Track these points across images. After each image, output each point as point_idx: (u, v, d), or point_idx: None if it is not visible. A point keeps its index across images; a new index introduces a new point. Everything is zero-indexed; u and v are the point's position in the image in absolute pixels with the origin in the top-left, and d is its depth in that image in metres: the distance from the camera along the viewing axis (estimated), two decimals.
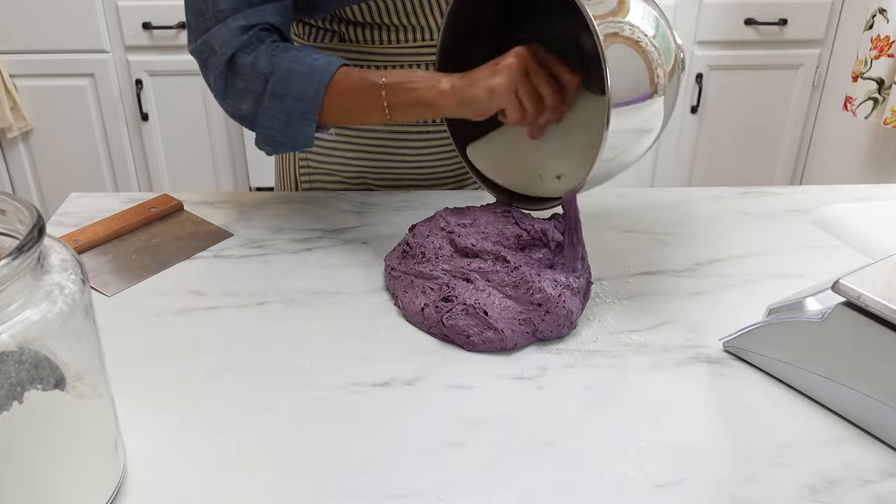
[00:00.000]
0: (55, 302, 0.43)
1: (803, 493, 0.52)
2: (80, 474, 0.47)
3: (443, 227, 0.74)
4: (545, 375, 0.64)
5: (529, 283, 0.68)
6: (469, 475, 0.53)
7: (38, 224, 0.42)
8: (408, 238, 0.76)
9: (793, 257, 0.83)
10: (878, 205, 0.95)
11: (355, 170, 0.97)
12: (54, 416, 0.44)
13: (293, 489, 0.52)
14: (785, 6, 2.05)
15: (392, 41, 0.87)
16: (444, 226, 0.74)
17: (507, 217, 0.74)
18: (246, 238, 0.85)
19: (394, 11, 0.84)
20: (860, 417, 0.58)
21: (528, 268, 0.69)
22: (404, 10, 0.84)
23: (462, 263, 0.71)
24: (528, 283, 0.68)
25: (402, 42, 0.87)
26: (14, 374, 0.41)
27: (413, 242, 0.75)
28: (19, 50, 1.95)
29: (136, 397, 0.60)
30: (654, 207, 0.93)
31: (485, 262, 0.70)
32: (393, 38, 0.87)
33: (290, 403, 0.60)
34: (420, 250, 0.73)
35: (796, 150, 2.28)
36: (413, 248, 0.74)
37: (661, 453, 0.56)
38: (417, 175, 0.97)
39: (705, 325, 0.70)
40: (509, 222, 0.73)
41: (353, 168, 0.97)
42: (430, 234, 0.74)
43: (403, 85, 0.72)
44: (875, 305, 0.54)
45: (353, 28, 0.87)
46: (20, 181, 2.13)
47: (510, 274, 0.69)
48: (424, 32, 0.87)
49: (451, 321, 0.67)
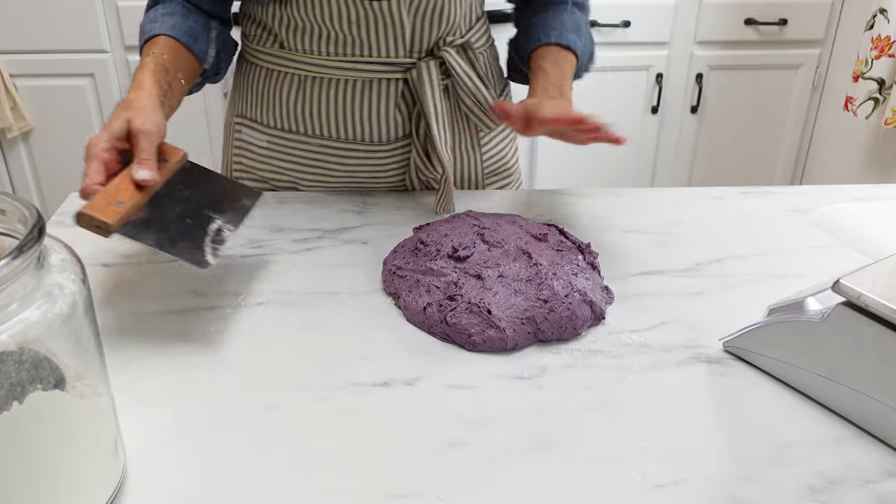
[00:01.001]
0: (55, 302, 0.43)
1: (803, 493, 0.52)
2: (80, 474, 0.47)
3: (474, 224, 0.77)
4: (545, 375, 0.64)
5: (542, 278, 0.68)
6: (469, 475, 0.53)
7: (38, 224, 0.42)
8: (420, 236, 0.77)
9: (793, 257, 0.83)
10: (878, 205, 0.95)
11: (287, 177, 0.97)
12: (54, 416, 0.44)
13: (293, 489, 0.52)
14: (785, 6, 2.05)
15: (331, 53, 0.88)
16: (475, 223, 0.78)
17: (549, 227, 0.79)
18: (246, 238, 0.85)
19: (336, 16, 0.84)
20: (860, 417, 0.58)
21: (549, 265, 0.70)
22: (348, 18, 0.84)
23: (486, 257, 0.72)
24: (540, 278, 0.68)
25: (342, 55, 0.88)
26: (14, 374, 0.41)
27: (428, 240, 0.75)
28: (19, 50, 1.95)
29: (136, 397, 0.60)
30: (654, 207, 0.93)
31: (507, 255, 0.72)
32: (332, 50, 0.87)
33: (289, 403, 0.60)
34: (436, 247, 0.74)
35: (796, 150, 2.28)
36: (428, 245, 0.75)
37: (661, 453, 0.56)
38: (349, 183, 0.97)
39: (705, 325, 0.70)
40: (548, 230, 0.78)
41: (284, 176, 0.97)
42: (453, 230, 0.77)
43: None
44: (875, 305, 0.54)
45: (294, 34, 0.88)
46: (20, 181, 2.13)
47: (529, 268, 0.70)
48: (364, 48, 0.87)
49: (454, 319, 0.67)
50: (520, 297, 0.68)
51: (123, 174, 0.69)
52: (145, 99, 0.74)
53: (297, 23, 0.87)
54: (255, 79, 0.95)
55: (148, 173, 0.69)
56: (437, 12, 0.86)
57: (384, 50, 0.87)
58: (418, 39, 0.87)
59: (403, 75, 0.89)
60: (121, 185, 0.68)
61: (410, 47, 0.88)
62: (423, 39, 0.88)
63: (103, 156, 0.68)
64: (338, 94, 0.90)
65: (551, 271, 0.70)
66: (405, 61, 0.88)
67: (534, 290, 0.68)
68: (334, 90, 0.90)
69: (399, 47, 0.87)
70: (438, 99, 0.89)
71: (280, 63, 0.91)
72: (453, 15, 0.88)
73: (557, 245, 0.75)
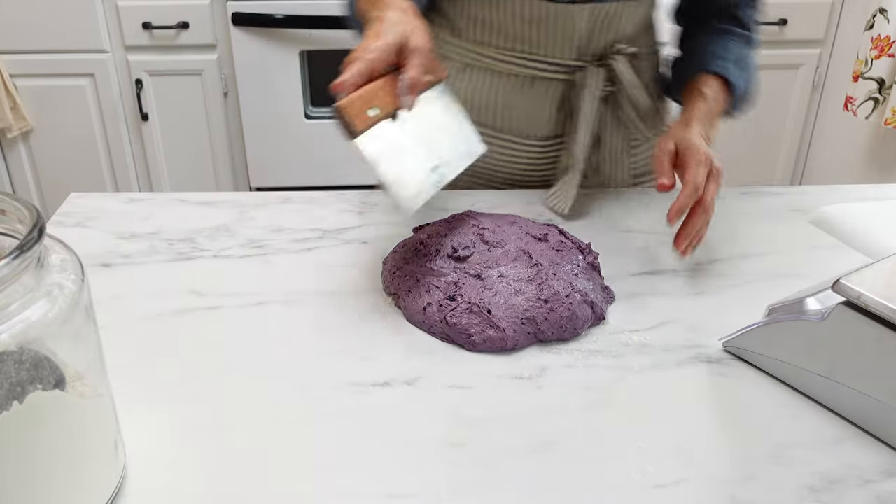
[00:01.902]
0: (55, 302, 0.43)
1: (803, 493, 0.52)
2: (80, 474, 0.47)
3: (474, 224, 0.77)
4: (545, 375, 0.64)
5: (542, 278, 0.68)
6: (469, 475, 0.53)
7: (38, 224, 0.42)
8: (420, 237, 0.77)
9: (793, 257, 0.83)
10: (878, 205, 0.95)
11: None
12: (54, 416, 0.44)
13: (293, 489, 0.52)
14: (785, 6, 2.05)
15: (502, 47, 0.89)
16: (475, 223, 0.77)
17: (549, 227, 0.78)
18: (246, 238, 0.85)
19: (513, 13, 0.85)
20: (860, 417, 0.58)
21: (550, 266, 0.70)
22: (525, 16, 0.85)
23: (486, 257, 0.72)
24: (541, 278, 0.69)
25: (512, 50, 0.89)
26: (14, 374, 0.41)
27: (428, 240, 0.75)
28: (19, 50, 1.95)
29: (136, 397, 0.60)
30: (655, 207, 0.93)
31: (508, 255, 0.72)
32: (503, 45, 0.89)
33: (290, 403, 0.60)
34: (436, 247, 0.74)
35: (796, 150, 2.28)
36: (428, 245, 0.75)
37: (661, 453, 0.56)
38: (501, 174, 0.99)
39: (705, 325, 0.70)
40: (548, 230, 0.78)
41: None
42: (452, 231, 0.76)
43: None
44: (875, 305, 0.54)
45: (469, 23, 0.89)
46: (20, 181, 2.13)
47: (529, 268, 0.70)
48: (535, 46, 0.88)
49: (454, 319, 0.67)
50: (520, 297, 0.68)
51: (385, 81, 0.68)
52: (417, 18, 0.72)
53: (474, 15, 0.88)
54: None
55: (412, 99, 0.69)
56: (613, 20, 0.87)
57: (555, 50, 0.88)
58: (590, 44, 0.88)
59: (568, 77, 0.89)
60: (379, 92, 0.68)
61: (580, 51, 0.88)
62: (593, 44, 0.88)
63: (371, 62, 0.67)
64: (501, 86, 0.91)
65: (552, 271, 0.70)
66: (572, 63, 0.89)
67: (534, 290, 0.68)
68: (498, 82, 0.91)
69: (569, 50, 0.88)
70: (595, 105, 0.89)
71: (451, 49, 0.93)
72: (628, 24, 0.89)
73: (558, 245, 0.75)
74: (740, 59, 0.90)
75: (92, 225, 0.87)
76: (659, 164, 0.79)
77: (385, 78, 0.69)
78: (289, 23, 1.94)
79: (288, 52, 1.99)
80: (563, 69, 0.89)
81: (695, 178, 0.75)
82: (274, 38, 1.97)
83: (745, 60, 0.91)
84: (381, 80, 0.68)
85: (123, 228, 0.86)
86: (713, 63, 0.89)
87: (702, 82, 0.88)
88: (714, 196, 0.77)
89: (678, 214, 0.75)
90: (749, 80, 0.92)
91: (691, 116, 0.84)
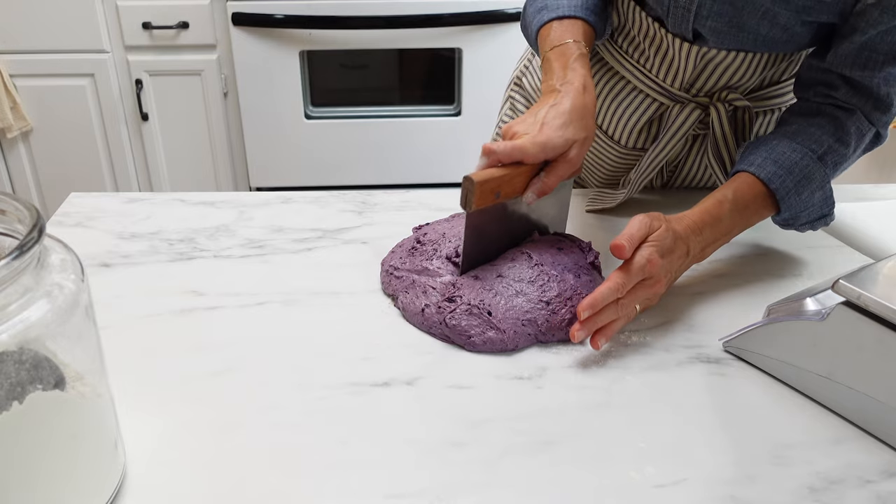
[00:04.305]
0: (55, 302, 0.43)
1: (803, 493, 0.52)
2: (80, 474, 0.47)
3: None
4: (545, 375, 0.64)
5: (543, 279, 0.68)
6: (469, 475, 0.53)
7: (38, 224, 0.42)
8: (418, 236, 0.77)
9: (793, 257, 0.83)
10: (878, 205, 0.95)
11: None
12: (54, 416, 0.44)
13: (293, 489, 0.52)
14: None
15: (625, 53, 0.89)
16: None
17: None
18: (246, 238, 0.85)
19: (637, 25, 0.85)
20: (860, 417, 0.58)
21: (551, 267, 0.70)
22: (645, 31, 0.85)
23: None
24: (542, 279, 0.69)
25: (631, 59, 0.89)
26: (14, 374, 0.41)
27: (426, 240, 0.75)
28: (19, 50, 1.95)
29: (136, 397, 0.60)
30: (655, 208, 0.93)
31: (507, 255, 0.72)
32: (627, 50, 0.89)
33: (290, 403, 0.60)
34: (433, 246, 0.74)
35: None
36: (426, 244, 0.75)
37: (661, 453, 0.56)
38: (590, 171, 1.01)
39: (705, 325, 0.70)
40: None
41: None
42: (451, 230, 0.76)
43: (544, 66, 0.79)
44: (875, 305, 0.54)
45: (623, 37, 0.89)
46: (20, 181, 2.13)
47: (530, 269, 0.70)
48: (649, 63, 0.87)
49: (453, 321, 0.67)
50: (521, 298, 0.68)
51: (520, 172, 0.70)
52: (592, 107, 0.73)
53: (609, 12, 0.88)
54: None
55: (535, 199, 0.72)
56: (719, 66, 0.84)
57: (662, 74, 0.87)
58: (696, 81, 0.86)
59: (667, 101, 0.88)
60: (512, 180, 0.69)
61: (685, 84, 0.87)
62: (699, 83, 0.86)
63: (527, 157, 0.69)
64: (610, 83, 0.91)
65: (553, 272, 0.70)
66: (674, 92, 0.87)
67: (536, 291, 0.68)
68: (608, 77, 0.91)
69: (676, 79, 0.87)
70: (675, 141, 0.88)
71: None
72: (740, 75, 0.85)
73: (558, 244, 0.75)
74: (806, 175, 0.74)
75: (92, 225, 0.87)
76: (619, 250, 0.66)
77: (521, 169, 0.70)
78: (289, 23, 1.94)
79: (288, 52, 1.99)
80: (664, 93, 0.88)
81: (624, 280, 0.65)
82: (274, 38, 1.97)
83: (811, 177, 0.74)
84: (519, 168, 0.69)
85: (123, 228, 0.86)
86: (759, 165, 0.75)
87: (738, 181, 0.76)
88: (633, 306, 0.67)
89: (588, 309, 0.64)
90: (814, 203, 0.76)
91: (695, 223, 0.72)
